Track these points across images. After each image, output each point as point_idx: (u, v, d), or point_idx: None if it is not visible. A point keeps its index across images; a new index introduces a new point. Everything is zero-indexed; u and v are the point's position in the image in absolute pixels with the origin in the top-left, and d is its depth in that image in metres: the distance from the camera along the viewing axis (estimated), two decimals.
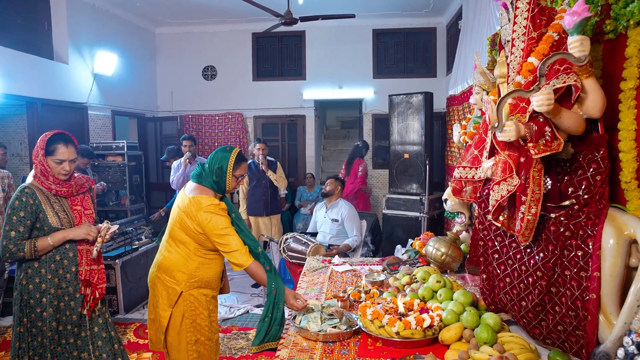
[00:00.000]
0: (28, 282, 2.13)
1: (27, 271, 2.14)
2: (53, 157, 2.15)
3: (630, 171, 1.63)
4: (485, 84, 2.35)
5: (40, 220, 2.13)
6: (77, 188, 2.29)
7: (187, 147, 5.13)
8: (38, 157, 2.15)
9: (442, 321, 1.82)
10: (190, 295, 2.20)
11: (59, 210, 2.20)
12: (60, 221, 2.18)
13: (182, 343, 2.19)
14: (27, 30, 5.17)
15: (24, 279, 2.14)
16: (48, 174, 2.16)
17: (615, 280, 1.50)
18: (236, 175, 2.24)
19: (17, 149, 6.19)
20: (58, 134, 2.19)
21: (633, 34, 1.60)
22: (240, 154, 2.28)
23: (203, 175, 2.22)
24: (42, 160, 2.14)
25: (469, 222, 2.66)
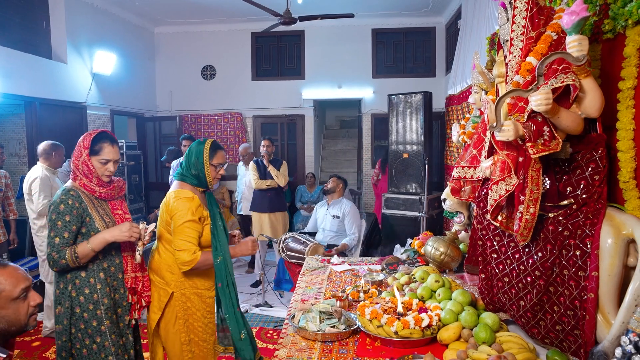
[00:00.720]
0: (78, 293, 1.97)
1: (74, 282, 1.97)
2: (98, 157, 2.03)
3: (629, 171, 1.63)
4: (484, 83, 2.35)
5: (86, 224, 1.99)
6: (118, 191, 2.17)
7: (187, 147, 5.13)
8: (82, 157, 2.01)
9: (441, 321, 1.82)
10: (182, 295, 2.20)
11: (102, 214, 2.06)
12: (106, 225, 2.04)
13: (176, 344, 2.18)
14: (25, 29, 5.16)
15: (73, 290, 1.97)
16: (92, 175, 2.03)
17: (614, 279, 1.51)
18: (214, 164, 2.27)
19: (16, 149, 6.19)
20: (103, 132, 2.09)
21: (631, 33, 1.61)
22: (214, 143, 2.33)
23: (184, 172, 2.27)
24: (86, 160, 2.01)
25: (467, 222, 2.66)
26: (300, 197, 6.75)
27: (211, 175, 2.25)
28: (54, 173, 3.79)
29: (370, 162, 7.63)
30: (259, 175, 5.02)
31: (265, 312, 4.25)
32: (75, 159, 2.04)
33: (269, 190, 5.00)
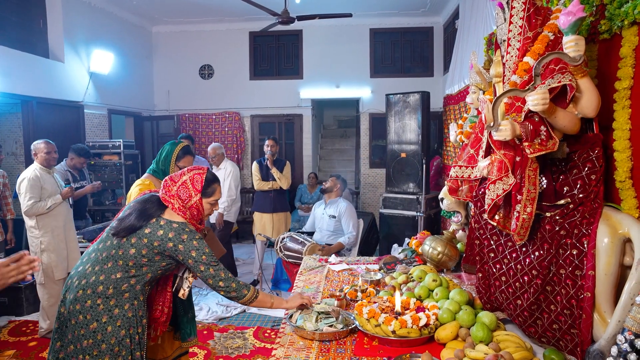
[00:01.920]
0: (143, 315, 1.87)
1: (132, 302, 1.84)
2: (210, 200, 1.94)
3: (625, 170, 1.64)
4: (481, 83, 2.35)
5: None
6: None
7: None
8: (192, 200, 1.88)
9: (438, 320, 1.83)
10: None
11: None
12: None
13: None
14: (22, 28, 5.14)
15: (130, 310, 1.82)
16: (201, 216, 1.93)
17: (610, 278, 1.51)
18: (179, 165, 2.43)
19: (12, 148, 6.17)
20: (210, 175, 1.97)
21: (627, 34, 1.61)
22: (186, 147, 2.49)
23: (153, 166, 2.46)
24: (198, 204, 1.90)
25: (465, 221, 2.67)
26: (300, 197, 6.75)
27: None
28: (49, 172, 3.76)
29: (368, 161, 7.64)
30: (261, 176, 5.01)
31: (263, 311, 4.25)
32: (184, 201, 1.89)
33: (272, 191, 4.99)
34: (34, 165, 3.72)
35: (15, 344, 3.62)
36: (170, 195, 1.88)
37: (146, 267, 1.83)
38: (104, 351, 1.77)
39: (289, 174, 5.07)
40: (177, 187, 1.89)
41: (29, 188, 3.56)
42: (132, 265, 1.81)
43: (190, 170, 1.96)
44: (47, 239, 3.67)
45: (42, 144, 3.71)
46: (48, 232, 3.68)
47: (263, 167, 5.01)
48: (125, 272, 1.82)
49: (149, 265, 1.83)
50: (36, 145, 3.72)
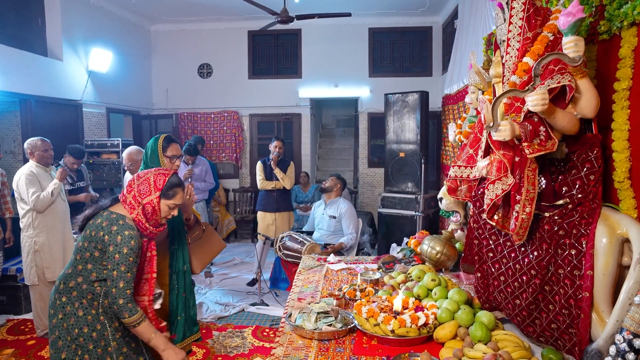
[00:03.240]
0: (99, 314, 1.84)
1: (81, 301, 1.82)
2: (169, 202, 1.93)
3: (623, 171, 1.65)
4: (480, 83, 2.36)
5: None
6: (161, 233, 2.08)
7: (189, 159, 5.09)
8: (150, 196, 1.88)
9: (437, 319, 1.83)
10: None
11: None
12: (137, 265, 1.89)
13: None
14: (20, 26, 5.13)
15: (80, 309, 1.82)
16: (153, 217, 1.91)
17: (608, 278, 1.52)
18: (168, 155, 2.42)
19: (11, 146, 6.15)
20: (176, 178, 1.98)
21: (627, 35, 1.62)
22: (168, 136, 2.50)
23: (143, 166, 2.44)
24: (155, 203, 1.89)
25: (464, 221, 2.67)
26: (295, 197, 6.75)
27: (167, 166, 2.39)
28: (47, 170, 3.70)
29: (367, 161, 7.65)
30: (265, 175, 5.02)
31: (262, 310, 4.25)
32: (142, 196, 1.88)
33: (275, 190, 5.01)
34: (29, 164, 3.65)
35: (13, 342, 3.61)
36: (129, 190, 1.90)
37: (90, 263, 1.80)
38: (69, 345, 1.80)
39: (292, 175, 5.08)
40: (139, 182, 1.91)
41: (28, 183, 3.50)
42: (79, 259, 1.81)
43: (157, 170, 1.98)
44: (41, 239, 3.60)
45: (38, 142, 3.65)
46: (43, 232, 3.60)
47: (267, 167, 5.02)
48: (74, 268, 1.82)
49: (92, 263, 1.80)
50: (32, 142, 3.65)
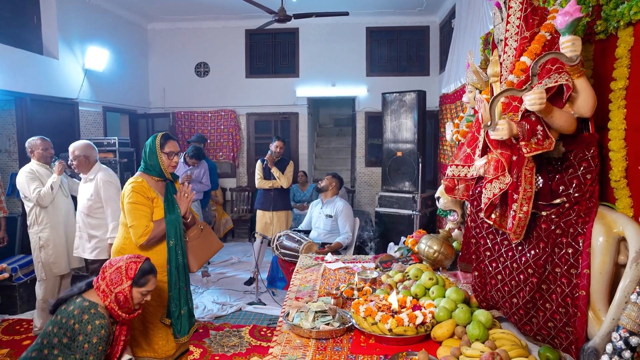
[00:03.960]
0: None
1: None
2: (141, 290, 1.97)
3: (620, 170, 1.66)
4: (478, 82, 2.36)
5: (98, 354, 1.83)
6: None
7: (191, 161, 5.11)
8: (122, 285, 1.91)
9: (435, 318, 1.84)
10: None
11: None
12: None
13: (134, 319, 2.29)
14: (15, 24, 5.10)
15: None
16: (127, 305, 1.94)
17: (605, 277, 1.53)
18: (166, 152, 2.45)
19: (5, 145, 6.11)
20: (147, 265, 2.01)
21: (623, 34, 1.63)
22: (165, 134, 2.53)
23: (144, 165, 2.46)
24: (126, 291, 1.92)
25: (461, 220, 2.67)
26: (293, 196, 6.75)
27: (165, 163, 2.42)
28: (47, 168, 3.75)
29: (364, 160, 7.65)
30: (263, 175, 5.03)
31: (259, 309, 4.25)
32: (113, 284, 1.91)
33: (273, 189, 5.01)
34: (30, 163, 3.71)
35: (8, 342, 3.60)
36: (102, 277, 1.94)
37: (57, 349, 1.80)
38: None
39: (290, 174, 5.09)
40: (111, 271, 1.95)
41: (29, 180, 3.56)
42: (46, 344, 1.81)
43: (128, 258, 2.02)
44: (45, 235, 3.64)
45: (38, 141, 3.70)
46: (47, 228, 3.65)
47: (265, 166, 5.03)
48: (39, 352, 1.81)
49: (60, 348, 1.79)
50: (32, 142, 3.70)
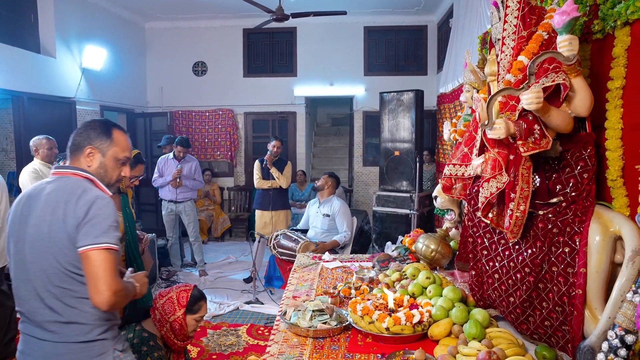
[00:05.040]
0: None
1: None
2: (195, 316, 2.00)
3: (616, 169, 1.66)
4: (475, 82, 2.36)
5: None
6: None
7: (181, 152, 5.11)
8: (176, 314, 1.95)
9: (432, 317, 1.84)
10: None
11: None
12: None
13: None
14: (12, 22, 5.07)
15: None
16: (181, 333, 1.97)
17: (601, 276, 1.53)
18: (131, 175, 2.40)
19: (3, 144, 6.10)
20: (197, 292, 2.04)
21: (620, 34, 1.63)
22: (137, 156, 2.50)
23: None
24: (181, 319, 1.96)
25: (458, 219, 2.68)
26: (292, 195, 6.75)
27: (124, 183, 2.45)
28: (50, 168, 3.75)
29: (362, 159, 7.65)
30: (262, 175, 5.03)
31: (256, 308, 4.25)
32: (167, 314, 1.94)
33: (272, 189, 5.02)
34: (33, 162, 3.72)
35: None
36: (155, 307, 1.96)
37: None
38: None
39: (289, 174, 5.09)
40: (162, 302, 1.99)
41: (32, 180, 3.57)
42: None
43: (177, 287, 2.04)
44: None
45: (43, 140, 3.72)
46: None
47: (264, 166, 5.03)
48: None
49: None
50: (37, 141, 3.72)
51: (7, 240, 1.50)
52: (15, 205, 1.52)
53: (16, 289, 1.48)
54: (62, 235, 1.39)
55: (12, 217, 1.51)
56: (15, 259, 1.47)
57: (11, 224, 1.49)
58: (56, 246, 1.39)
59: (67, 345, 1.42)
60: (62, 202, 1.40)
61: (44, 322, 1.43)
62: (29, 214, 1.45)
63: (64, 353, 1.43)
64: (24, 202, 1.49)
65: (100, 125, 1.56)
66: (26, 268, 1.44)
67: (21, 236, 1.45)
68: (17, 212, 1.49)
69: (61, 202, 1.41)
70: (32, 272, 1.42)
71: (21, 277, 1.45)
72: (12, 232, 1.48)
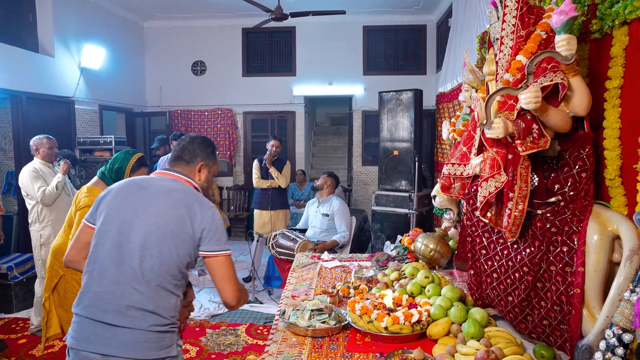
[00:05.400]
0: None
1: None
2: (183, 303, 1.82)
3: (615, 168, 1.66)
4: (474, 81, 2.36)
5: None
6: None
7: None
8: None
9: (430, 316, 1.84)
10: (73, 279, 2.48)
11: None
12: None
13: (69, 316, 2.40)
14: (11, 21, 5.06)
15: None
16: None
17: (599, 275, 1.53)
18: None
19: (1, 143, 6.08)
20: None
21: (618, 33, 1.63)
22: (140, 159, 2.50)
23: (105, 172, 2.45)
24: None
25: (457, 219, 2.68)
26: (291, 195, 6.75)
27: None
28: (50, 167, 3.76)
29: (361, 159, 7.65)
30: (260, 174, 5.03)
31: (255, 308, 4.25)
32: None
33: (271, 188, 5.01)
34: (33, 161, 3.72)
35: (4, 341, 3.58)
36: None
37: None
38: None
39: (288, 174, 5.09)
40: None
41: (33, 179, 3.58)
42: None
43: None
44: (47, 232, 3.66)
45: (44, 139, 3.72)
46: (48, 226, 3.67)
47: (263, 166, 5.03)
48: None
49: None
50: (37, 140, 3.72)
51: (105, 220, 1.54)
52: (120, 190, 1.59)
53: (103, 268, 1.50)
54: (187, 232, 1.51)
55: (117, 201, 1.56)
56: (115, 240, 1.50)
57: (117, 207, 1.54)
58: (178, 239, 1.50)
59: (145, 333, 1.46)
60: (184, 204, 1.54)
61: (125, 307, 1.45)
62: (145, 203, 1.53)
63: (141, 341, 1.45)
64: (134, 191, 1.57)
65: (210, 144, 1.76)
66: (128, 251, 1.49)
67: (130, 221, 1.51)
68: (126, 198, 1.56)
69: (182, 203, 1.54)
70: (139, 256, 1.48)
71: (116, 258, 1.49)
72: (117, 215, 1.53)
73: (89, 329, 1.47)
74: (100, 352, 1.44)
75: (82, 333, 1.48)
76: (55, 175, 3.72)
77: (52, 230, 3.68)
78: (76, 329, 1.50)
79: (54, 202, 3.65)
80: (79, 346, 1.47)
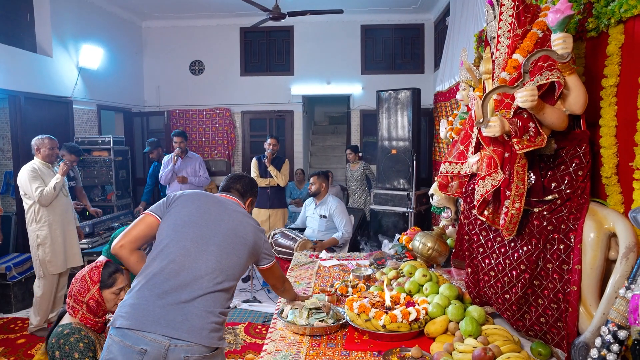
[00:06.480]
0: None
1: None
2: (112, 289, 1.88)
3: (611, 166, 1.67)
4: (471, 80, 2.37)
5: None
6: None
7: (178, 144, 5.10)
8: (90, 292, 1.83)
9: (428, 314, 1.85)
10: None
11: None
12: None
13: None
14: (8, 21, 5.05)
15: None
16: (99, 310, 1.86)
17: (595, 272, 1.54)
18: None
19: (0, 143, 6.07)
20: (111, 266, 1.93)
21: (614, 32, 1.64)
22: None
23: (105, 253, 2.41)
24: (96, 296, 1.84)
25: (454, 217, 2.69)
26: (290, 194, 6.75)
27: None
28: (50, 167, 3.75)
29: None
30: (259, 173, 5.03)
31: (254, 307, 4.25)
32: (82, 295, 1.83)
33: (269, 187, 5.02)
34: (33, 161, 3.71)
35: (3, 341, 3.58)
36: (70, 295, 1.86)
37: None
38: None
39: (287, 172, 5.09)
40: (77, 285, 1.86)
41: (31, 179, 3.56)
42: None
43: (88, 266, 1.93)
44: (43, 233, 3.64)
45: (46, 140, 3.71)
46: (45, 226, 3.65)
47: (262, 164, 5.03)
48: None
49: None
50: (39, 140, 3.71)
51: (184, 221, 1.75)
52: (195, 199, 1.83)
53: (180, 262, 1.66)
54: (249, 243, 1.79)
55: (196, 206, 1.80)
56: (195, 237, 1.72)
57: (196, 212, 1.78)
58: (246, 246, 1.78)
59: (210, 317, 1.62)
60: (245, 222, 1.83)
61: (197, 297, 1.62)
62: (218, 214, 1.80)
63: (207, 329, 1.60)
64: (211, 202, 1.84)
65: (256, 184, 2.16)
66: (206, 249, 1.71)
67: (209, 226, 1.75)
68: (201, 206, 1.81)
69: (243, 222, 1.82)
70: (217, 254, 1.71)
71: (201, 247, 1.70)
72: (194, 220, 1.75)
73: (168, 311, 1.57)
74: (169, 335, 1.53)
75: (148, 316, 1.56)
76: (53, 175, 3.71)
77: (49, 231, 3.66)
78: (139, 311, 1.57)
79: (51, 203, 3.64)
80: (143, 327, 1.54)
